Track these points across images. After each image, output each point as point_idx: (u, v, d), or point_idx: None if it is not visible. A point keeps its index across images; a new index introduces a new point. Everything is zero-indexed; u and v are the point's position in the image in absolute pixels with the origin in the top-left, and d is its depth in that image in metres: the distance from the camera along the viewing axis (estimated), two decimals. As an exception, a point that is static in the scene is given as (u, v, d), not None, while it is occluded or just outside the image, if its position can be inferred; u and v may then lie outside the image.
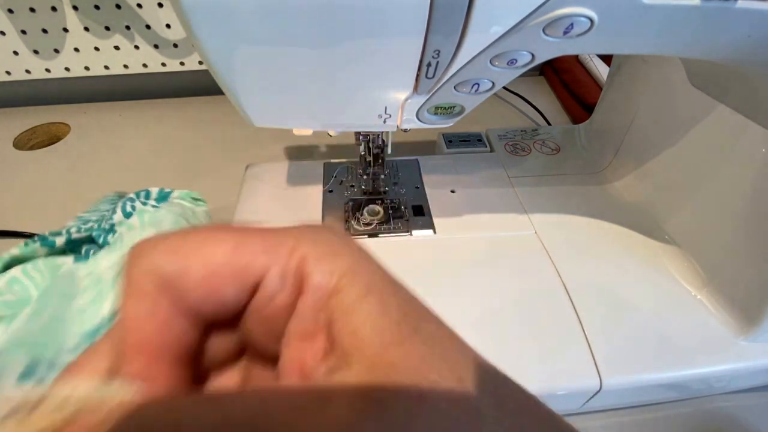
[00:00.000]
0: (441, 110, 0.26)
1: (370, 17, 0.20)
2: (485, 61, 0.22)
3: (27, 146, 0.54)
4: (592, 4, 0.20)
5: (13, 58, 0.55)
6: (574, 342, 0.28)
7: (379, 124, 0.26)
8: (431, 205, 0.37)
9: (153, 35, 0.56)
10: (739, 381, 0.30)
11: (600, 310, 0.30)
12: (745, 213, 0.29)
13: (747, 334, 0.28)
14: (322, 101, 0.25)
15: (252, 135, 0.54)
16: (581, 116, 0.54)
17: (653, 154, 0.36)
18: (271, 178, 0.40)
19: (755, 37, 0.22)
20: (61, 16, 0.53)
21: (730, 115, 0.29)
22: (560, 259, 0.33)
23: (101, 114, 0.59)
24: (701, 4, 0.20)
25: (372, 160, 0.37)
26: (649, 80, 0.36)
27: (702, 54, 0.24)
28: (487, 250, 0.34)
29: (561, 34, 0.21)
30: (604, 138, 0.42)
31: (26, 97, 0.59)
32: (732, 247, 0.30)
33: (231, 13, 0.19)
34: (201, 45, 0.21)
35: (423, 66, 0.22)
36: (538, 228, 0.35)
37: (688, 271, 0.32)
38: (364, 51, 0.21)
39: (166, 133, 0.56)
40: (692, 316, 0.30)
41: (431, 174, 0.41)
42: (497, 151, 0.44)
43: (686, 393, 0.30)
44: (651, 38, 0.22)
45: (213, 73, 0.23)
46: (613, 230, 0.36)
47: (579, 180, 0.41)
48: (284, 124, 0.26)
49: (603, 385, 0.26)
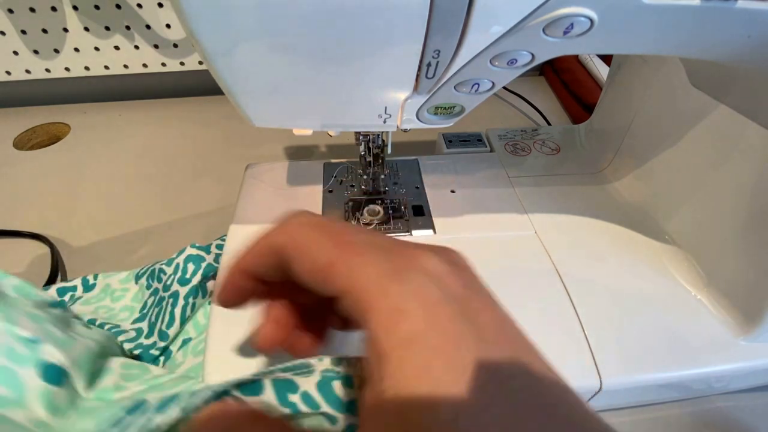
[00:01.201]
0: (441, 110, 0.26)
1: (370, 17, 0.20)
2: (485, 61, 0.22)
3: (27, 146, 0.54)
4: (592, 4, 0.20)
5: (13, 58, 0.55)
6: (574, 342, 0.28)
7: (379, 124, 0.26)
8: (431, 205, 0.37)
9: (153, 35, 0.56)
10: (739, 381, 0.30)
11: (600, 310, 0.30)
12: (745, 213, 0.29)
13: (747, 334, 0.28)
14: (322, 101, 0.25)
15: (252, 135, 0.54)
16: (581, 116, 0.54)
17: (653, 154, 0.36)
18: (271, 178, 0.40)
19: (755, 37, 0.22)
20: (61, 16, 0.53)
21: (730, 115, 0.29)
22: (560, 259, 0.33)
23: (101, 114, 0.59)
24: (701, 4, 0.20)
25: (372, 160, 0.37)
26: (649, 80, 0.36)
27: (702, 54, 0.24)
28: (487, 250, 0.34)
29: (561, 34, 0.21)
30: (604, 138, 0.42)
31: (26, 97, 0.59)
32: (732, 247, 0.30)
33: (231, 13, 0.19)
34: (201, 45, 0.21)
35: (423, 66, 0.22)
36: (538, 228, 0.35)
37: (688, 271, 0.32)
38: (364, 51, 0.21)
39: (166, 133, 0.56)
40: (692, 316, 0.30)
41: (431, 174, 0.41)
42: (497, 151, 0.44)
43: (686, 393, 0.30)
44: (651, 38, 0.22)
45: (213, 73, 0.23)
46: (613, 230, 0.36)
47: (579, 180, 0.41)
48: (284, 124, 0.26)
49: (603, 385, 0.26)
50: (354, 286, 0.14)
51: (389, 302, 0.13)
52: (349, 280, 0.14)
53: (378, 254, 0.14)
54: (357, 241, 0.15)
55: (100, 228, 0.43)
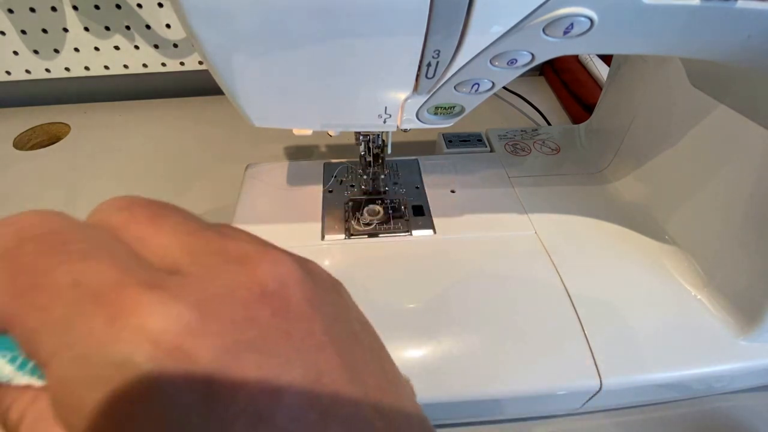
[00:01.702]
0: (441, 110, 0.26)
1: (370, 17, 0.20)
2: (485, 61, 0.22)
3: (27, 146, 0.54)
4: (592, 4, 0.20)
5: (13, 58, 0.55)
6: (574, 342, 0.28)
7: (379, 124, 0.26)
8: (431, 205, 0.37)
9: (153, 35, 0.56)
10: (739, 381, 0.30)
11: (600, 310, 0.30)
12: (745, 213, 0.29)
13: (747, 334, 0.28)
14: (322, 101, 0.25)
15: (252, 135, 0.54)
16: (581, 116, 0.54)
17: (653, 154, 0.36)
18: (271, 178, 0.40)
19: (755, 37, 0.22)
20: (61, 16, 0.53)
21: (730, 115, 0.29)
22: (560, 259, 0.33)
23: (101, 114, 0.59)
24: (701, 5, 0.20)
25: (372, 160, 0.37)
26: (649, 80, 0.36)
27: (702, 54, 0.24)
28: (487, 250, 0.34)
29: (561, 34, 0.21)
30: (604, 138, 0.42)
31: (26, 97, 0.59)
32: (732, 247, 0.30)
33: (231, 12, 0.19)
34: (201, 45, 0.21)
35: (423, 66, 0.22)
36: (538, 228, 0.35)
37: (688, 271, 0.32)
38: (364, 51, 0.21)
39: (166, 133, 0.56)
40: (692, 316, 0.30)
41: (431, 174, 0.41)
42: (497, 151, 0.44)
43: (686, 393, 0.30)
44: (651, 38, 0.22)
45: (213, 73, 0.23)
46: (613, 230, 0.36)
47: (579, 180, 0.41)
48: (284, 124, 0.26)
49: (603, 385, 0.26)
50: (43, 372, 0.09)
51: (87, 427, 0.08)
52: (30, 355, 0.09)
53: (71, 312, 0.09)
54: (46, 286, 0.09)
55: (100, 228, 0.43)
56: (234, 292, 0.10)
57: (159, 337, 0.08)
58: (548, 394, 0.27)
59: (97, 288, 0.09)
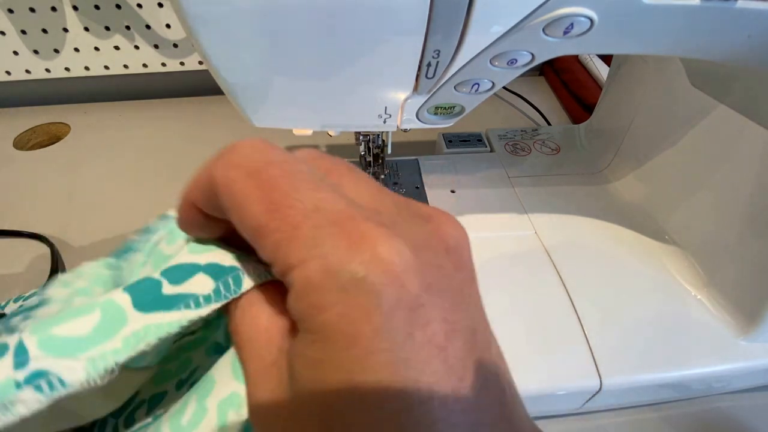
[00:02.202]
0: (441, 110, 0.26)
1: (370, 17, 0.20)
2: (485, 61, 0.22)
3: (27, 146, 0.54)
4: (592, 4, 0.20)
5: (13, 58, 0.55)
6: (574, 342, 0.28)
7: (379, 124, 0.26)
8: (431, 205, 0.37)
9: (153, 35, 0.56)
10: (739, 381, 0.30)
11: (600, 310, 0.30)
12: (745, 213, 0.29)
13: (747, 334, 0.28)
14: (322, 101, 0.25)
15: (252, 135, 0.54)
16: (581, 116, 0.54)
17: (653, 154, 0.36)
18: (271, 178, 0.40)
19: (755, 37, 0.22)
20: (61, 16, 0.53)
21: (730, 115, 0.29)
22: (560, 259, 0.33)
23: (101, 114, 0.59)
24: (701, 5, 0.20)
25: (372, 160, 0.37)
26: (649, 80, 0.36)
27: (702, 54, 0.24)
28: (487, 250, 0.34)
29: (561, 34, 0.21)
30: (604, 138, 0.42)
31: (26, 97, 0.59)
32: (732, 247, 0.30)
33: (231, 13, 0.19)
34: (201, 45, 0.21)
35: (423, 66, 0.22)
36: (538, 228, 0.35)
37: (688, 271, 0.32)
38: (364, 51, 0.21)
39: (166, 133, 0.56)
40: (692, 316, 0.30)
41: (431, 174, 0.41)
42: (497, 151, 0.44)
43: (686, 393, 0.30)
44: (651, 38, 0.22)
45: (213, 73, 0.23)
46: (613, 230, 0.36)
47: (579, 180, 0.41)
48: (284, 124, 0.26)
49: (603, 385, 0.26)
50: (282, 271, 0.11)
51: (322, 319, 0.10)
52: (275, 258, 0.11)
53: (318, 232, 0.11)
54: (295, 205, 0.11)
55: (100, 228, 0.43)
56: (429, 242, 0.12)
57: (388, 267, 0.10)
58: (548, 394, 0.27)
59: (335, 216, 0.11)
